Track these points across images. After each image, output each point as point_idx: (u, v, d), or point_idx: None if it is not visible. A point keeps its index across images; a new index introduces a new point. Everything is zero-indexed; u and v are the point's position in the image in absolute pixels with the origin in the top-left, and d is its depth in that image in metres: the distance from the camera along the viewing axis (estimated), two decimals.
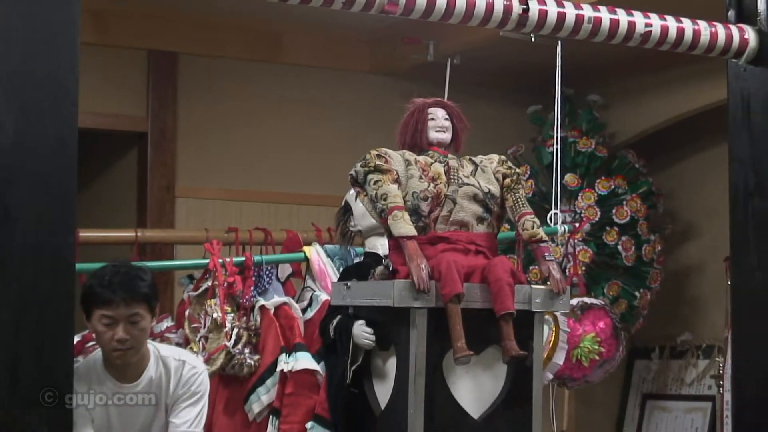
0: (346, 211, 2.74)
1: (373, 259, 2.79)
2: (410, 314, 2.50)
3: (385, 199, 2.55)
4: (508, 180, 2.71)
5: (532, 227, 2.73)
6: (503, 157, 2.79)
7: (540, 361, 2.59)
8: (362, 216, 2.74)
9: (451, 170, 2.67)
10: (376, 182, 2.58)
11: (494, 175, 2.71)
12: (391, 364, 2.52)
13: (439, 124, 2.75)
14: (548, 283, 2.71)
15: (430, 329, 2.49)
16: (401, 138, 2.83)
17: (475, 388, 2.50)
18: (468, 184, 2.64)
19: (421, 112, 2.74)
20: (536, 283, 2.80)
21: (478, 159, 2.76)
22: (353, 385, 2.59)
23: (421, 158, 2.70)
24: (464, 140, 2.80)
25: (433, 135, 2.72)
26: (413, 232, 2.56)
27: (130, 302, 4.16)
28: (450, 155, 2.74)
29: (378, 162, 2.62)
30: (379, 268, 2.66)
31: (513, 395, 2.45)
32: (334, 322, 2.69)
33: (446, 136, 2.76)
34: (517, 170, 2.80)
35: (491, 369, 2.51)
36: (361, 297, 2.62)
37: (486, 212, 2.66)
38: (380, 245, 2.78)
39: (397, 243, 2.60)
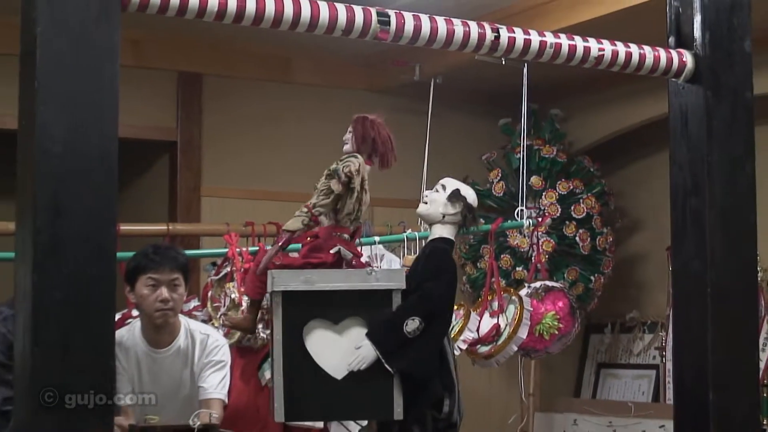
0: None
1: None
2: (393, 293, 2.64)
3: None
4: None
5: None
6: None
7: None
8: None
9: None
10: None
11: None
12: (350, 335, 2.68)
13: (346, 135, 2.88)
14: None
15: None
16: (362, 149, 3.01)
17: (336, 354, 2.53)
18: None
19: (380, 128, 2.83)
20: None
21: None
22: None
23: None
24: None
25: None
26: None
27: (173, 268, 4.38)
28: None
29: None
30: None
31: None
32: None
33: (347, 147, 2.79)
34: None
35: (349, 337, 2.57)
36: (319, 283, 2.76)
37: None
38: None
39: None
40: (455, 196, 3.07)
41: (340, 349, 2.57)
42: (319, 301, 2.53)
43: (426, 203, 3.03)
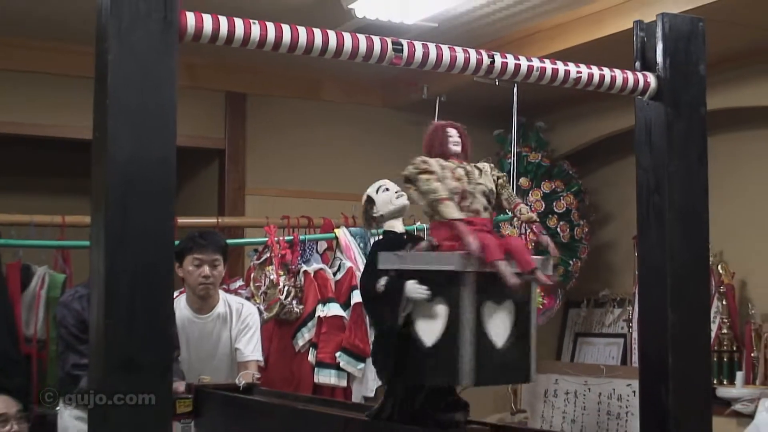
0: (369, 202, 2.70)
1: (393, 235, 2.72)
2: (462, 276, 2.44)
3: (435, 192, 2.54)
4: (501, 180, 2.69)
5: (527, 212, 2.68)
6: (491, 164, 2.77)
7: (535, 309, 2.57)
8: (383, 204, 2.69)
9: (468, 173, 2.66)
10: (427, 180, 2.56)
11: (491, 177, 2.70)
12: (440, 311, 2.44)
13: (454, 140, 2.72)
14: (547, 251, 2.70)
15: (474, 286, 2.48)
16: (427, 150, 2.71)
17: (498, 327, 2.45)
18: (480, 183, 2.63)
19: (443, 131, 2.71)
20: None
21: (480, 165, 2.72)
22: (402, 328, 2.55)
23: (447, 164, 2.69)
24: (469, 154, 2.77)
25: (452, 148, 2.69)
26: (461, 215, 2.54)
27: (214, 251, 4.53)
28: (462, 162, 2.72)
29: (425, 166, 2.61)
30: (424, 244, 2.60)
31: (519, 331, 2.46)
32: (382, 281, 2.51)
33: (459, 149, 2.73)
34: (503, 174, 2.74)
35: (508, 315, 2.48)
36: (416, 263, 2.52)
37: (488, 204, 2.63)
38: (396, 225, 2.74)
39: (443, 224, 2.55)
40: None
41: (501, 324, 2.50)
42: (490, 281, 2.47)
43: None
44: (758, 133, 5.88)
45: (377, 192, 2.68)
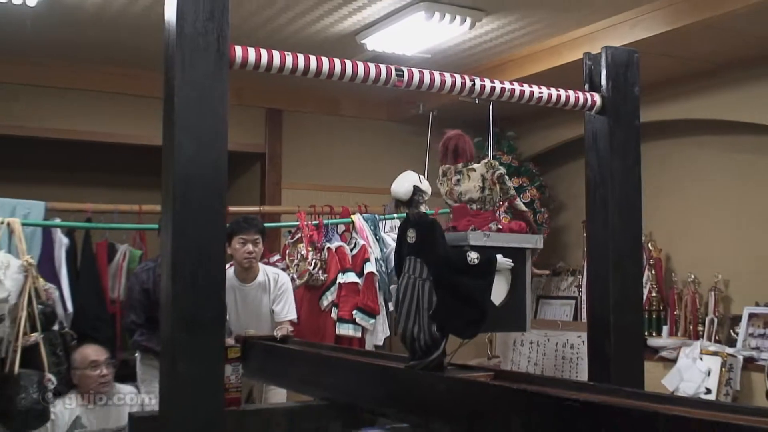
0: (418, 191, 2.42)
1: (423, 214, 2.44)
2: (527, 251, 2.46)
3: (512, 189, 2.49)
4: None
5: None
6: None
7: (529, 274, 2.54)
8: (427, 191, 2.44)
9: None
10: (508, 179, 2.49)
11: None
12: (505, 277, 2.44)
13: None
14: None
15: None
16: (443, 157, 2.59)
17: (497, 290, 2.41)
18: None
19: (458, 139, 2.58)
20: None
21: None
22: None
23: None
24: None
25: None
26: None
27: (255, 232, 4.56)
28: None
29: (503, 170, 2.52)
30: (494, 226, 2.44)
31: (516, 293, 2.46)
32: (473, 255, 2.29)
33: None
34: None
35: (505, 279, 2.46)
36: (502, 241, 2.42)
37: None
38: (424, 208, 2.46)
39: (464, 210, 2.48)
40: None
41: (499, 286, 2.43)
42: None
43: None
44: (681, 140, 5.88)
45: (420, 181, 2.47)
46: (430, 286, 2.31)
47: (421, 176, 2.46)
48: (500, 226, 2.45)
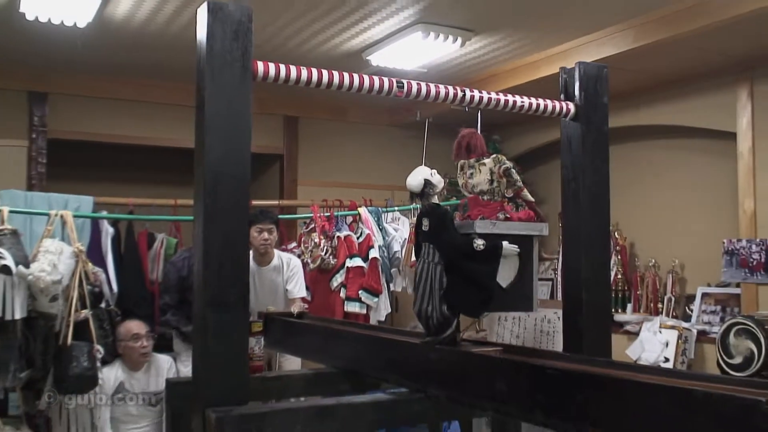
0: (428, 184, 2.28)
1: (436, 205, 2.32)
2: (534, 238, 2.34)
3: (519, 181, 2.36)
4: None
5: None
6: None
7: (537, 258, 2.39)
8: (438, 184, 2.32)
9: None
10: (515, 172, 2.37)
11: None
12: (513, 261, 2.30)
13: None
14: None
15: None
16: (458, 153, 2.46)
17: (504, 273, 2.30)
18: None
19: (471, 137, 2.44)
20: None
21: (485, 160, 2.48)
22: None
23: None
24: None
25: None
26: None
27: (270, 222, 4.64)
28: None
29: (510, 164, 2.38)
30: (501, 215, 2.33)
31: (523, 277, 2.32)
32: (479, 241, 2.21)
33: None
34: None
35: (513, 263, 2.32)
36: (509, 229, 2.32)
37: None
38: (437, 199, 2.34)
39: (477, 201, 2.37)
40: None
41: (506, 270, 2.30)
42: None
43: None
44: (644, 143, 5.87)
45: (432, 176, 2.37)
46: (442, 270, 2.26)
47: (433, 171, 2.38)
48: (508, 215, 2.37)
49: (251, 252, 4.58)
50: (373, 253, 5.19)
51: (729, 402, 1.44)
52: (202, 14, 2.10)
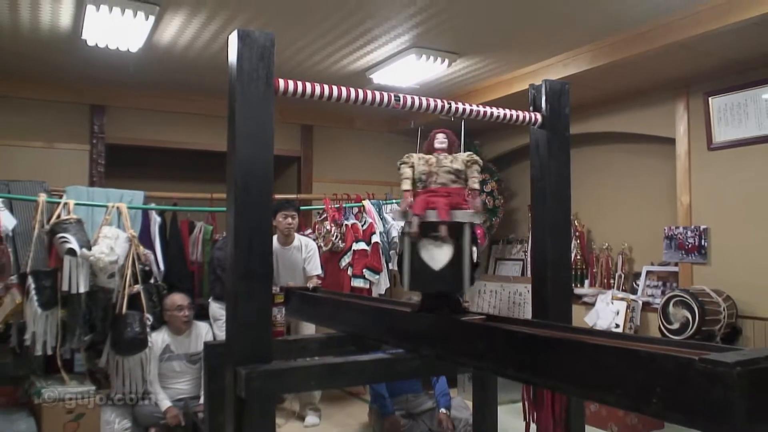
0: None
1: None
2: (465, 225, 2.17)
3: (402, 175, 2.27)
4: (468, 162, 2.31)
5: (473, 184, 2.30)
6: (471, 153, 2.38)
7: (468, 245, 2.21)
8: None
9: (438, 160, 2.32)
10: (400, 167, 2.29)
11: (461, 161, 2.45)
12: (446, 247, 2.19)
13: (440, 141, 2.48)
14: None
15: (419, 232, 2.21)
16: (426, 148, 2.40)
17: (439, 255, 2.21)
18: (444, 166, 2.30)
19: (433, 136, 2.40)
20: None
21: (457, 154, 2.36)
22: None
23: (426, 156, 2.45)
24: (456, 148, 2.42)
25: (436, 146, 2.36)
26: (410, 188, 2.26)
27: (293, 209, 4.64)
28: (443, 155, 2.36)
29: (405, 159, 2.37)
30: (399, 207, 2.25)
31: (455, 260, 2.21)
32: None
33: (443, 146, 2.37)
34: (474, 159, 2.35)
35: (449, 248, 2.21)
36: (436, 217, 2.21)
37: (457, 178, 2.30)
38: None
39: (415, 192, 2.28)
40: None
41: (440, 254, 2.19)
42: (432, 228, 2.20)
43: None
44: (599, 147, 5.86)
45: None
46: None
47: None
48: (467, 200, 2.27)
49: (276, 234, 4.58)
50: (375, 239, 5.19)
51: (669, 360, 1.45)
52: (233, 40, 2.09)
